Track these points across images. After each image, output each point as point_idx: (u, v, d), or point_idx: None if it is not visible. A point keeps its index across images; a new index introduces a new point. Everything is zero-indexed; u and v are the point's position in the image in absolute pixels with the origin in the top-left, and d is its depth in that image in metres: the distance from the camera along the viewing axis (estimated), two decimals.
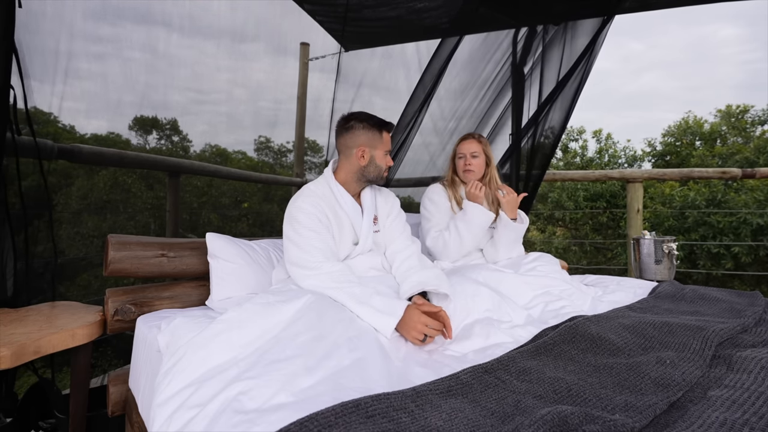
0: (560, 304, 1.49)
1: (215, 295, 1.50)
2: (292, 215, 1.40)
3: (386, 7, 2.57)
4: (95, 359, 2.01)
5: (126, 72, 2.01)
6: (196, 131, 3.04)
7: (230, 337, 1.00)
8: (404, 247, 1.54)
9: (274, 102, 3.44)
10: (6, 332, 1.23)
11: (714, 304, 1.48)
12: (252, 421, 0.74)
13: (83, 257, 2.42)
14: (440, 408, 0.77)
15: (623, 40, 74.17)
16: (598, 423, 0.71)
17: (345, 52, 3.30)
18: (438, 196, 1.93)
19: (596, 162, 9.60)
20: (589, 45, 2.34)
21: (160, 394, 0.90)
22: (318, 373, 0.88)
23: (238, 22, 2.73)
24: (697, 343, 1.06)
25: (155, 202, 4.33)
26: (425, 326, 1.14)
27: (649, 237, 2.39)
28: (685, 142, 9.32)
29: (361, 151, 1.46)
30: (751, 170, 3.12)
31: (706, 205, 5.83)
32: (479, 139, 1.93)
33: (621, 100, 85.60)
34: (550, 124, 2.49)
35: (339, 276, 1.29)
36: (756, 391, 0.81)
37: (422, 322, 1.14)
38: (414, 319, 1.15)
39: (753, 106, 9.55)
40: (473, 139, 1.93)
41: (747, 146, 8.07)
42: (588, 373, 0.94)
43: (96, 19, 1.95)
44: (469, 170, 1.90)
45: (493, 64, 2.75)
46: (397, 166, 2.99)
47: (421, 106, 2.78)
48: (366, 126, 1.47)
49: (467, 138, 1.95)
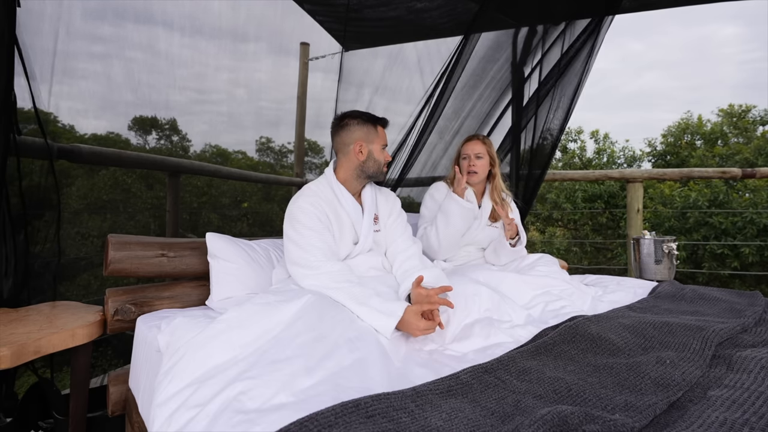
0: (560, 304, 1.49)
1: (215, 295, 1.50)
2: (292, 215, 1.40)
3: (386, 7, 2.57)
4: (95, 359, 2.01)
5: (126, 72, 2.01)
6: (196, 131, 3.04)
7: (230, 337, 1.00)
8: (405, 247, 1.54)
9: (274, 102, 3.45)
10: (6, 332, 1.23)
11: (714, 304, 1.48)
12: (252, 421, 0.74)
13: (83, 257, 2.42)
14: (440, 408, 0.77)
15: (623, 40, 74.26)
16: (598, 423, 0.71)
17: (346, 52, 3.30)
18: (439, 194, 1.94)
19: (595, 162, 9.60)
20: (588, 44, 2.34)
21: (160, 393, 0.90)
22: (318, 373, 0.88)
23: (239, 22, 2.73)
24: (697, 343, 1.06)
25: (155, 202, 4.33)
26: (421, 331, 1.15)
27: (649, 237, 2.39)
28: (685, 143, 9.32)
29: (359, 145, 1.47)
30: (751, 170, 3.12)
31: (708, 206, 5.81)
32: (483, 141, 1.93)
33: (621, 100, 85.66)
34: (550, 125, 2.49)
35: (339, 276, 1.29)
36: (756, 391, 0.81)
37: (419, 328, 1.15)
38: (412, 323, 1.16)
39: (755, 106, 9.54)
40: (477, 141, 1.93)
41: (747, 147, 8.07)
42: (588, 373, 0.94)
43: (96, 18, 1.95)
44: (473, 171, 1.91)
45: (494, 64, 2.75)
46: (408, 167, 2.97)
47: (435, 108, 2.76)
48: (360, 121, 1.49)
49: (471, 139, 1.95)
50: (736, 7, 53.31)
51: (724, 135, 9.22)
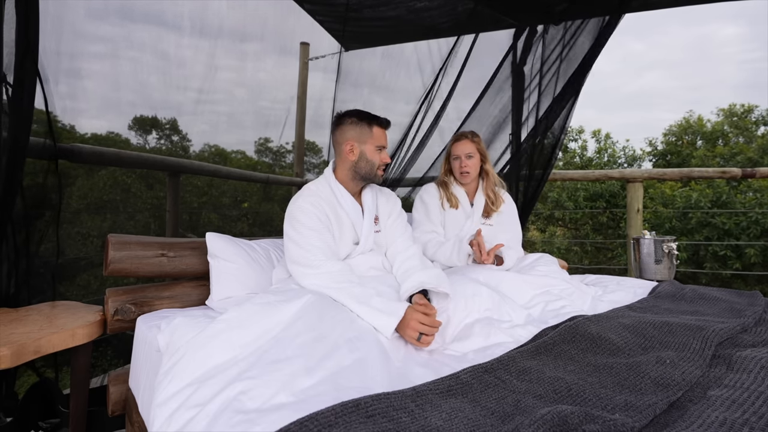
0: (560, 304, 1.49)
1: (215, 295, 1.50)
2: (292, 214, 1.40)
3: (386, 7, 2.57)
4: (95, 359, 2.01)
5: (126, 72, 2.01)
6: (196, 131, 3.04)
7: (230, 336, 1.00)
8: (405, 247, 1.54)
9: (274, 102, 3.45)
10: (6, 332, 1.23)
11: (714, 304, 1.48)
12: (252, 420, 0.74)
13: (83, 257, 2.42)
14: (440, 408, 0.77)
15: (623, 40, 74.25)
16: (598, 422, 0.71)
17: (345, 52, 3.30)
18: (428, 196, 1.92)
19: (596, 162, 9.60)
20: (588, 44, 2.34)
21: (160, 393, 0.90)
22: (318, 373, 0.88)
23: (239, 21, 2.73)
24: (697, 342, 1.06)
25: (155, 201, 4.33)
26: (420, 324, 1.14)
27: (648, 237, 2.39)
28: (687, 142, 9.32)
29: (350, 145, 1.46)
30: (751, 170, 3.12)
31: (710, 206, 5.80)
32: (472, 139, 1.90)
33: (621, 100, 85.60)
34: (551, 124, 2.49)
35: (339, 276, 1.29)
36: (756, 391, 0.81)
37: (417, 319, 1.15)
38: (412, 318, 1.16)
39: (757, 106, 9.53)
40: (467, 140, 1.90)
41: (750, 146, 8.06)
42: (588, 372, 0.94)
43: (97, 18, 1.95)
44: (466, 172, 1.89)
45: (494, 64, 2.75)
46: (409, 166, 2.97)
47: (434, 108, 2.76)
48: (354, 121, 1.48)
49: (461, 138, 1.92)
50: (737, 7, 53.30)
51: (724, 135, 9.22)
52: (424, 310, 1.19)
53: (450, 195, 1.92)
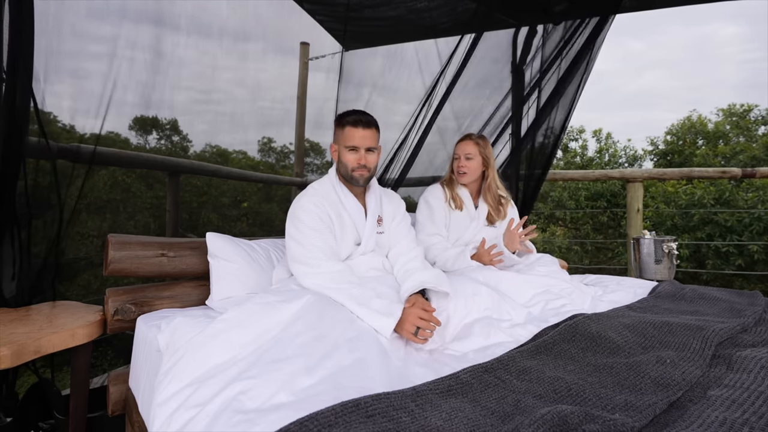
0: (561, 302, 1.49)
1: (215, 295, 1.50)
2: (294, 214, 1.41)
3: (386, 7, 2.57)
4: (95, 359, 2.01)
5: (126, 71, 2.00)
6: (196, 131, 3.03)
7: (230, 336, 1.00)
8: (408, 249, 1.54)
9: (274, 102, 3.44)
10: (6, 332, 1.23)
11: (714, 304, 1.48)
12: (252, 420, 0.74)
13: (83, 257, 2.42)
14: (440, 407, 0.77)
15: (623, 39, 74.32)
16: (598, 422, 0.71)
17: (346, 52, 3.30)
18: (433, 197, 1.91)
19: (596, 162, 9.59)
20: (588, 44, 2.34)
21: (160, 393, 0.90)
22: (318, 372, 0.88)
23: (239, 21, 2.73)
24: (697, 342, 1.06)
25: (155, 201, 4.33)
26: (418, 318, 1.15)
27: (649, 237, 2.39)
28: (688, 141, 9.31)
29: (333, 148, 1.49)
30: (752, 170, 3.11)
31: (713, 204, 5.79)
32: (476, 141, 1.89)
33: (621, 100, 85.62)
34: (551, 124, 2.48)
35: (339, 277, 1.29)
36: (756, 391, 0.81)
37: (416, 314, 1.15)
38: (410, 314, 1.16)
39: (757, 105, 9.52)
40: (470, 141, 1.89)
41: (752, 145, 8.04)
42: (588, 372, 0.94)
43: (97, 18, 1.95)
44: (463, 173, 1.89)
45: (494, 64, 2.75)
46: (408, 167, 2.96)
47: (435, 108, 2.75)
48: (336, 122, 1.49)
49: (464, 139, 1.92)
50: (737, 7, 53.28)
51: (725, 135, 9.21)
52: (423, 305, 1.19)
53: (455, 195, 1.92)
